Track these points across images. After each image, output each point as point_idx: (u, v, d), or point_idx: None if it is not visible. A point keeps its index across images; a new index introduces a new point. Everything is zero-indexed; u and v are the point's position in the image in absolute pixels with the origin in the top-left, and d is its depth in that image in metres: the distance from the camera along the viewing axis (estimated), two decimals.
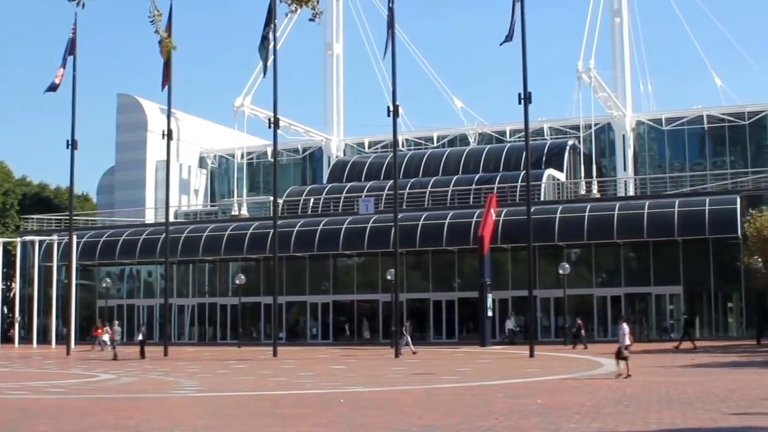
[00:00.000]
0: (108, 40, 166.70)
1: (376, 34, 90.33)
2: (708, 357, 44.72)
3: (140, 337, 57.68)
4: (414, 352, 52.12)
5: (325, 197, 78.35)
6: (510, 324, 63.74)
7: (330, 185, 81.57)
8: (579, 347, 55.63)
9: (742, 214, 61.38)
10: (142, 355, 54.13)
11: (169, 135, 60.91)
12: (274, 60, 57.60)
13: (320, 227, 71.57)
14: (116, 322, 61.58)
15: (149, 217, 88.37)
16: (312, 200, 78.60)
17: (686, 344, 53.19)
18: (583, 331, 57.85)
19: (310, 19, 13.63)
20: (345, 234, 70.48)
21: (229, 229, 74.82)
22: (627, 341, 32.78)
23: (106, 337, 64.56)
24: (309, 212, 76.97)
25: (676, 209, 64.61)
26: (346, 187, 78.74)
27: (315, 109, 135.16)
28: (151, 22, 12.58)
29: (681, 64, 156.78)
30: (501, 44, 50.71)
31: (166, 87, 59.68)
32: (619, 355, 32.28)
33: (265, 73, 58.02)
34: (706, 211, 63.71)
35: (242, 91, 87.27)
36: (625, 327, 33.47)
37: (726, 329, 66.15)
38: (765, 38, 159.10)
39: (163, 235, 63.76)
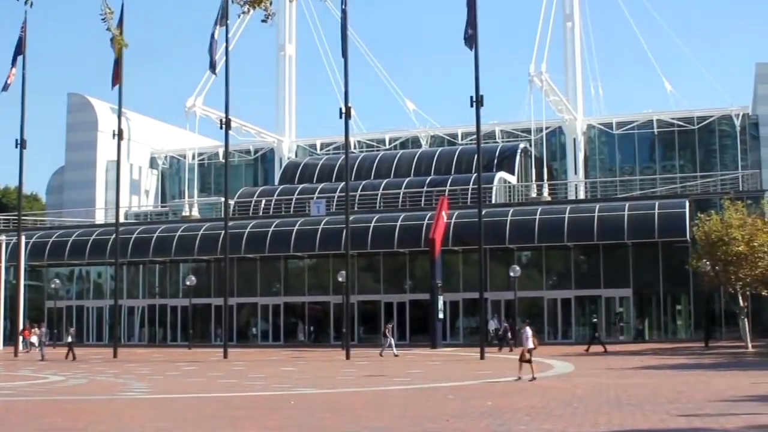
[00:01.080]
0: (59, 39, 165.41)
1: (328, 36, 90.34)
2: (656, 359, 45.08)
3: (69, 339, 57.11)
4: (395, 355, 51.83)
5: (276, 199, 78.16)
6: (493, 325, 63.72)
7: (281, 187, 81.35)
8: (505, 350, 55.52)
9: (691, 217, 61.87)
10: (70, 356, 53.70)
11: (119, 135, 60.50)
12: (226, 61, 57.44)
13: (271, 229, 71.34)
14: (43, 324, 61.13)
15: (99, 218, 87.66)
16: (263, 202, 78.36)
17: (597, 347, 53.78)
18: (509, 334, 57.64)
19: (263, 21, 13.61)
20: (296, 236, 70.30)
21: (179, 230, 74.37)
22: (530, 344, 32.95)
23: (34, 339, 64.17)
24: (260, 214, 76.71)
25: (626, 213, 65.04)
26: (298, 189, 78.57)
27: (267, 110, 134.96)
28: (102, 19, 12.50)
29: (632, 69, 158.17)
30: (469, 46, 50.66)
31: (117, 87, 59.34)
32: (522, 358, 32.47)
33: (213, 71, 57.78)
34: (656, 214, 64.19)
35: (194, 92, 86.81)
36: (528, 330, 33.61)
37: (674, 332, 66.71)
38: (714, 44, 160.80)
39: (113, 235, 63.30)
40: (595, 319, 61.53)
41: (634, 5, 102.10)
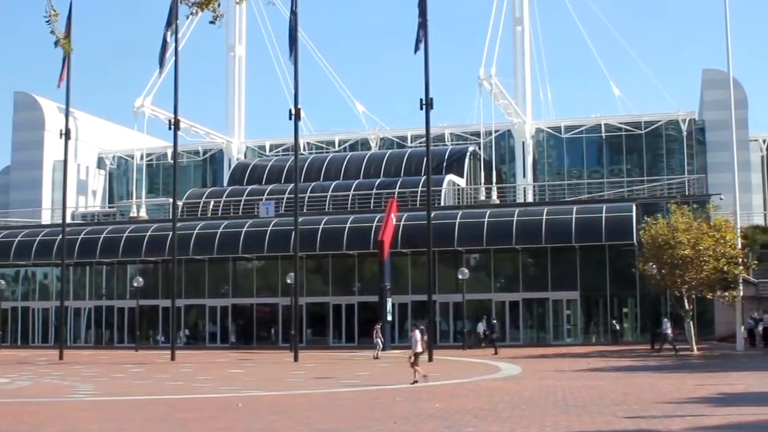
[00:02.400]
0: (6, 37, 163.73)
1: (279, 37, 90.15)
2: (603, 361, 45.39)
3: None
4: (375, 357, 51.66)
5: (225, 200, 77.87)
6: (482, 327, 63.80)
7: (230, 188, 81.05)
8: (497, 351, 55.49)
9: (638, 221, 62.36)
10: None
11: (67, 134, 59.94)
12: (176, 61, 57.17)
13: (220, 230, 71.03)
14: None
15: (46, 218, 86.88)
16: (212, 203, 78.04)
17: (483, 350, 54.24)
18: (425, 337, 57.30)
19: (211, 22, 13.57)
20: (245, 237, 70.06)
21: (127, 231, 73.84)
22: (419, 348, 33.06)
23: None
24: (209, 215, 76.40)
25: (574, 216, 65.46)
26: (247, 190, 78.33)
27: (216, 111, 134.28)
28: (47, 22, 12.38)
29: (580, 74, 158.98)
30: (416, 52, 50.86)
31: (64, 85, 58.72)
32: (413, 361, 32.59)
33: (160, 70, 57.47)
34: (603, 218, 64.65)
35: (143, 92, 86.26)
36: (417, 334, 33.71)
37: (621, 334, 67.18)
38: (662, 50, 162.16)
39: (60, 236, 62.78)
40: (495, 321, 61.48)
41: (583, 10, 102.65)
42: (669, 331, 55.67)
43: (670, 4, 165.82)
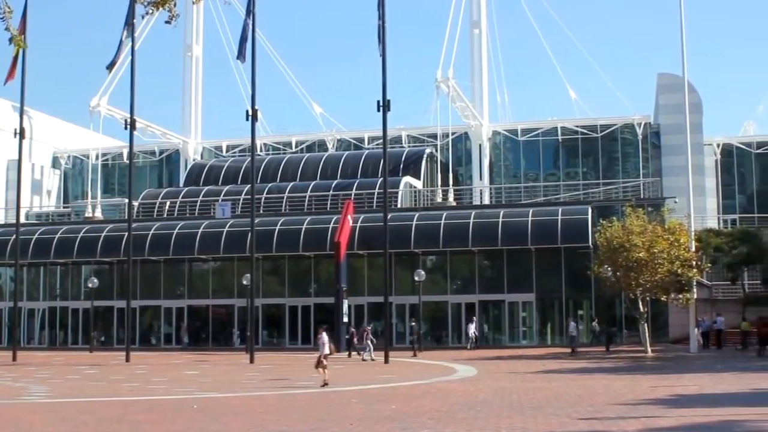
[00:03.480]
0: None
1: (236, 37, 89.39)
2: (558, 363, 45.60)
3: None
4: (363, 360, 50.99)
5: (181, 201, 77.49)
6: (472, 329, 63.84)
7: (186, 189, 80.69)
8: (354, 356, 55.20)
9: (593, 224, 62.72)
10: None
11: (21, 134, 59.46)
12: (132, 61, 56.86)
13: (176, 231, 70.69)
14: None
15: None
16: (168, 203, 77.63)
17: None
18: (356, 340, 57.17)
19: (167, 22, 13.51)
20: (201, 238, 69.77)
21: (82, 232, 73.31)
22: (326, 350, 33.12)
23: None
24: (165, 215, 75.99)
25: (530, 218, 65.71)
26: (203, 191, 78.01)
27: (173, 111, 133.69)
28: (1, 18, 12.26)
29: (537, 77, 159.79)
30: (381, 55, 50.83)
31: (15, 83, 58.16)
32: (319, 364, 32.63)
33: (109, 70, 57.09)
34: (559, 220, 64.96)
35: (98, 91, 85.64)
36: (325, 337, 33.77)
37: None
38: (617, 53, 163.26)
39: (14, 236, 62.17)
40: (413, 323, 61.60)
41: (540, 14, 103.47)
42: (575, 333, 56.23)
43: (626, 9, 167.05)
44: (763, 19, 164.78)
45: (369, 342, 52.98)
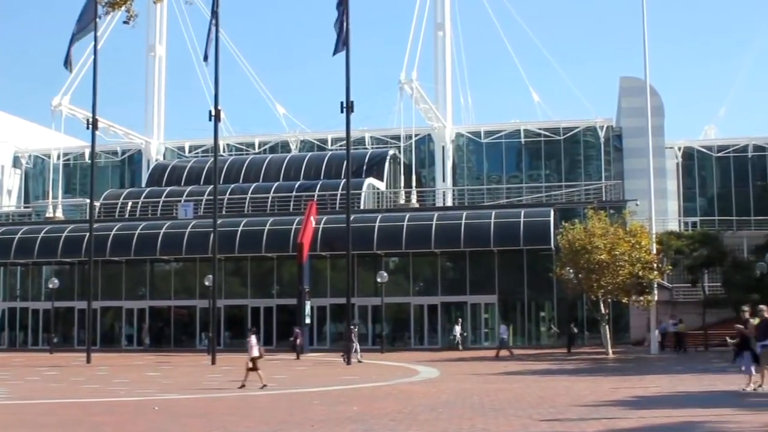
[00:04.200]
0: None
1: (199, 37, 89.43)
2: (520, 365, 45.72)
3: None
4: (359, 360, 50.40)
5: (143, 201, 77.13)
6: (458, 330, 63.87)
7: (149, 189, 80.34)
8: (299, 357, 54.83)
9: (556, 226, 62.99)
10: None
11: None
12: (95, 60, 56.53)
13: (138, 231, 70.36)
14: None
15: None
16: (130, 204, 77.25)
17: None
18: (299, 341, 57.00)
19: (125, 22, 13.50)
20: (163, 239, 69.50)
21: (43, 232, 72.84)
22: (255, 353, 33.05)
23: None
24: (126, 216, 75.62)
25: (493, 220, 65.89)
26: (166, 191, 77.70)
27: (136, 111, 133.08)
28: None
29: (500, 79, 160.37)
30: (334, 54, 50.87)
31: None
32: (250, 366, 32.56)
33: (68, 67, 56.70)
34: (521, 222, 65.18)
35: (60, 91, 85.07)
36: (253, 339, 33.75)
37: (538, 338, 67.84)
38: (580, 56, 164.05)
39: None
40: (354, 326, 61.64)
41: (504, 17, 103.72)
42: (506, 336, 56.43)
43: (589, 13, 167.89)
44: (725, 23, 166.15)
45: (356, 342, 52.32)
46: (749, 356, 28.08)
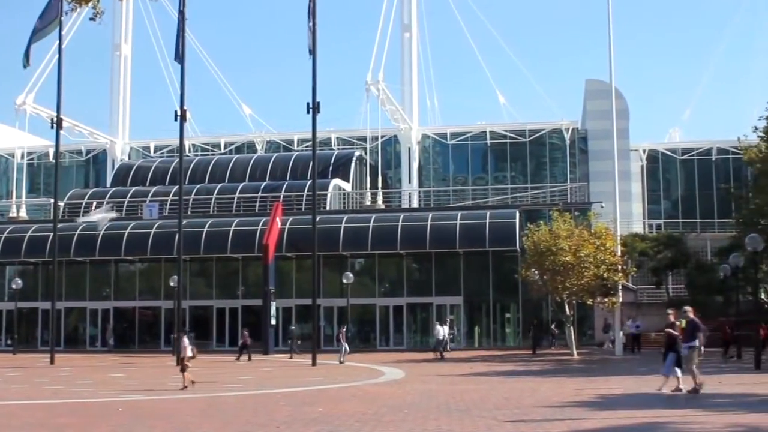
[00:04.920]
0: None
1: (165, 37, 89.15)
2: (486, 366, 45.80)
3: None
4: (341, 362, 49.73)
5: (108, 201, 76.65)
6: (446, 330, 63.81)
7: (113, 189, 79.95)
8: (243, 358, 54.34)
9: (521, 228, 63.22)
10: None
11: None
12: (59, 59, 56.17)
13: (102, 232, 69.99)
14: None
15: None
16: (94, 204, 76.77)
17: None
18: (249, 341, 56.63)
19: (91, 19, 13.43)
20: (128, 239, 69.17)
21: (6, 232, 72.32)
22: (188, 353, 32.99)
23: None
24: None
25: (458, 222, 66.03)
26: (131, 192, 77.37)
27: (101, 110, 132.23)
28: None
29: (467, 81, 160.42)
30: (310, 56, 50.75)
31: None
32: (182, 368, 32.53)
33: (26, 62, 56.27)
34: (487, 224, 65.35)
35: (24, 89, 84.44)
36: (186, 340, 33.70)
37: (504, 339, 68.02)
38: (546, 59, 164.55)
39: None
40: (293, 327, 61.64)
41: (470, 19, 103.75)
42: (441, 336, 56.28)
43: (555, 15, 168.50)
44: (690, 27, 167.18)
45: (344, 343, 51.99)
46: (673, 358, 28.24)
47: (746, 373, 37.79)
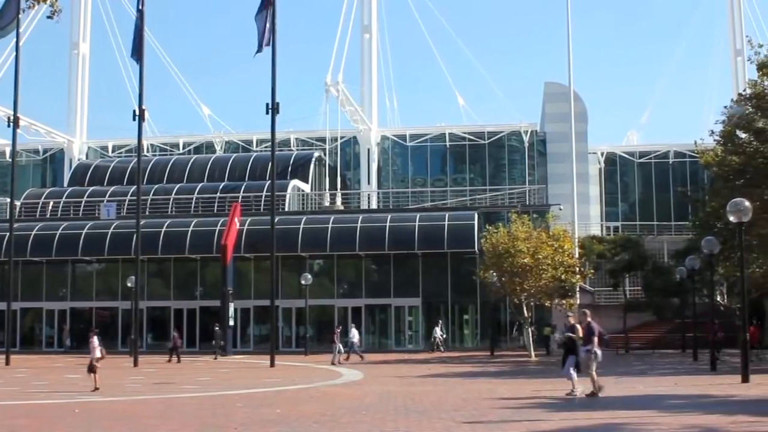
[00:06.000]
0: None
1: (124, 36, 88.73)
2: (444, 367, 45.88)
3: None
4: (338, 363, 49.46)
5: (65, 201, 76.22)
6: (438, 332, 63.70)
7: (71, 189, 79.40)
8: (173, 360, 53.80)
9: (479, 230, 63.38)
10: None
11: None
12: (16, 57, 55.71)
13: (59, 231, 69.53)
14: None
15: None
16: (51, 204, 76.30)
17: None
18: (180, 342, 56.37)
19: (49, 17, 13.35)
20: (85, 239, 68.74)
21: None
22: (98, 354, 32.81)
23: None
24: (48, 216, 74.66)
25: (417, 223, 66.15)
26: (88, 191, 76.87)
27: (58, 110, 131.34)
28: None
29: (426, 82, 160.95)
30: (254, 55, 50.75)
31: None
32: (90, 369, 32.38)
33: None
34: (446, 226, 65.50)
35: None
36: (95, 340, 33.55)
37: (462, 340, 68.18)
38: (506, 62, 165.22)
39: None
40: (215, 327, 61.40)
41: (431, 21, 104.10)
42: (355, 339, 55.82)
43: (515, 18, 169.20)
44: (648, 31, 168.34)
45: (340, 345, 51.68)
46: (572, 360, 28.23)
47: (702, 375, 38.10)
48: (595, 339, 27.83)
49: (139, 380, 38.50)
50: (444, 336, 64.39)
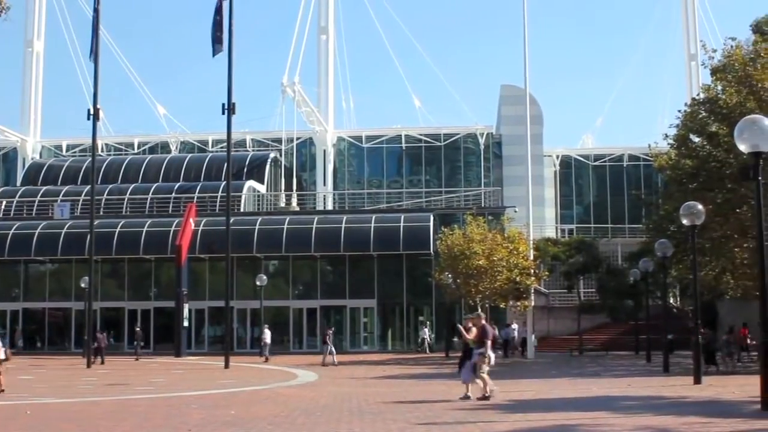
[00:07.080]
0: None
1: (79, 34, 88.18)
2: (399, 368, 45.94)
3: None
4: (334, 364, 49.23)
5: (18, 200, 75.58)
6: (427, 332, 63.52)
7: (24, 188, 78.74)
8: (97, 361, 52.78)
9: (435, 231, 63.56)
10: None
11: None
12: None
13: (12, 231, 68.93)
14: None
15: None
16: (4, 203, 75.64)
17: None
18: (105, 344, 55.81)
19: None
20: (38, 239, 68.19)
21: None
22: (2, 355, 32.49)
23: None
24: (0, 215, 74.02)
25: (373, 225, 66.21)
26: (41, 191, 76.27)
27: (11, 108, 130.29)
28: None
29: (383, 84, 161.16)
30: (213, 56, 50.58)
31: None
32: None
33: None
34: (401, 227, 65.60)
35: None
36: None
37: (417, 342, 68.23)
38: (462, 64, 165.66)
39: None
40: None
41: (387, 22, 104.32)
42: (268, 340, 56.26)
43: (471, 20, 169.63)
44: (604, 36, 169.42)
45: (330, 345, 51.48)
46: (470, 364, 28.22)
47: (655, 376, 38.38)
48: (488, 342, 27.82)
49: (92, 381, 38.25)
50: (432, 336, 64.60)
